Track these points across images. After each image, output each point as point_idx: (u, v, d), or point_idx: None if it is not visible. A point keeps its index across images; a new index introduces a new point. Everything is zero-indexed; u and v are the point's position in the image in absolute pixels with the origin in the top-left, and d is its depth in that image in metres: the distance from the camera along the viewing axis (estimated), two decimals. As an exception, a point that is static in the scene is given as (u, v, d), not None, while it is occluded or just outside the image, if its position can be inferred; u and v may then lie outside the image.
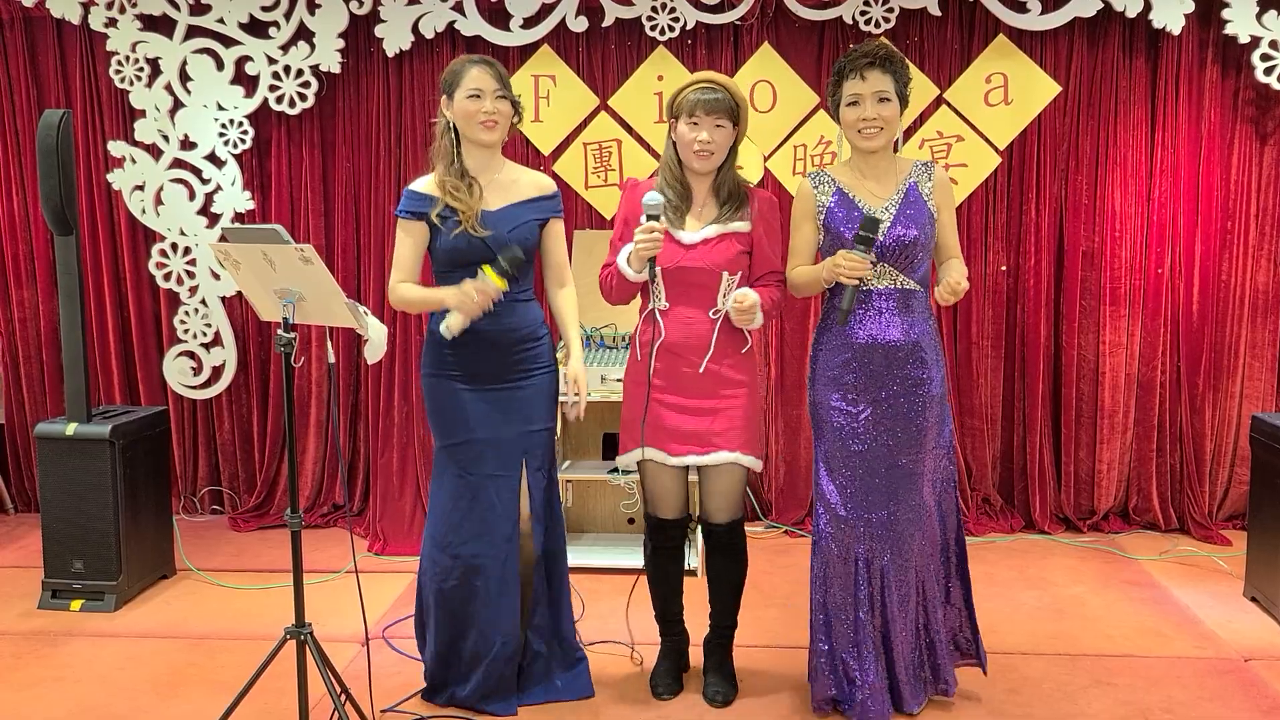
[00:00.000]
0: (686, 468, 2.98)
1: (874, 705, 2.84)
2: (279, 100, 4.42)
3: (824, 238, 2.88)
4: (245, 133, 4.46)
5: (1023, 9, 4.23)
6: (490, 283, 2.71)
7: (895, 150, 2.90)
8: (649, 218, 2.76)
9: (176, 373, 4.64)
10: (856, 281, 2.69)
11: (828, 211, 2.84)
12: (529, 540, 3.00)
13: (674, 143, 2.88)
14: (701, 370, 2.88)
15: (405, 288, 2.84)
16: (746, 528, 4.58)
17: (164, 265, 4.56)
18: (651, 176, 3.03)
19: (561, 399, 3.02)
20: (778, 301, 2.93)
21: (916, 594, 2.87)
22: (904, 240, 2.76)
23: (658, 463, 2.94)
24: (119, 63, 4.43)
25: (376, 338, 2.76)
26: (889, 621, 2.85)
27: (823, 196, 2.86)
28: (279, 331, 2.58)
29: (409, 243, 2.85)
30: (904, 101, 2.79)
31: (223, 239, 2.65)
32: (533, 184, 2.95)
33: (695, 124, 2.80)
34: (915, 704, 2.90)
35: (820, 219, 2.85)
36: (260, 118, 4.48)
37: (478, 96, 2.79)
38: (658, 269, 2.84)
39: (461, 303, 2.71)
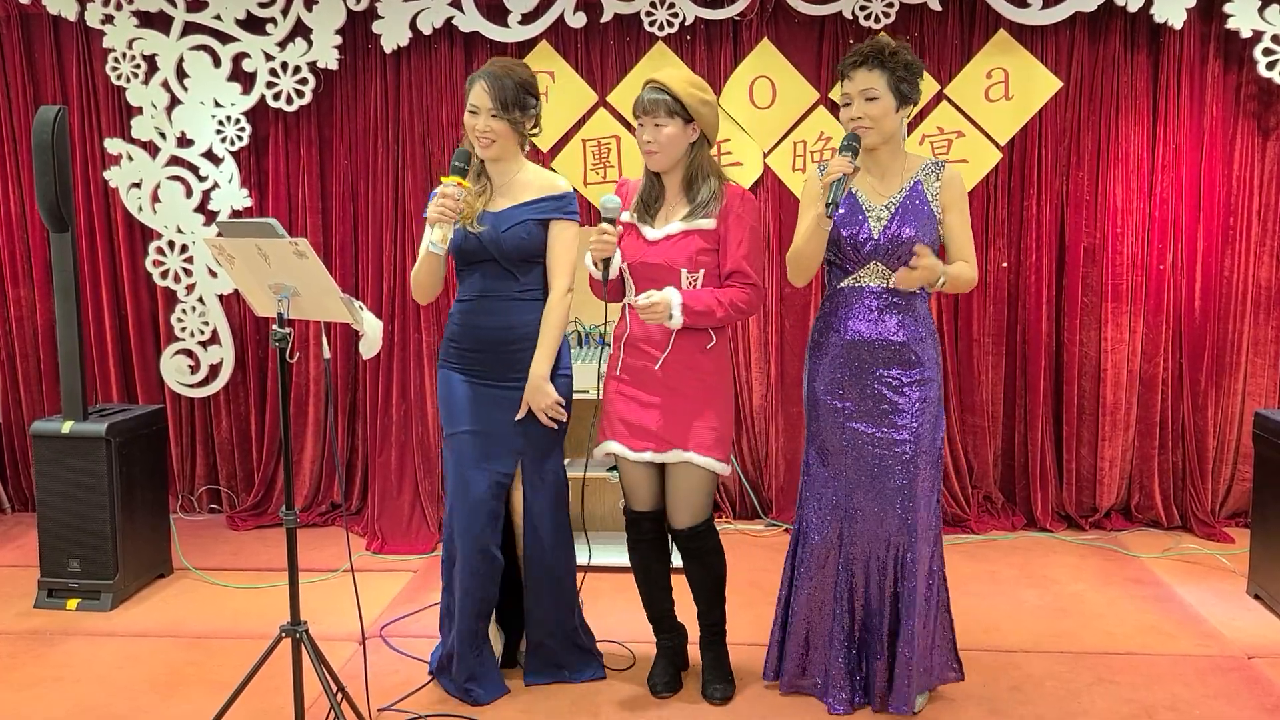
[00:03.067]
0: (657, 464, 2.96)
1: (836, 696, 2.87)
2: (276, 97, 4.40)
3: None
4: (242, 130, 4.44)
5: (1023, 4, 4.21)
6: (445, 184, 2.75)
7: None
8: (605, 220, 2.80)
9: (174, 371, 4.62)
10: (840, 176, 2.63)
11: None
12: (519, 538, 3.02)
13: None
14: (658, 366, 2.88)
15: (414, 269, 2.94)
16: (746, 526, 4.59)
17: (161, 263, 4.55)
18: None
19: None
20: (736, 304, 2.83)
21: (891, 596, 2.84)
22: (899, 238, 2.74)
23: (622, 457, 2.95)
24: (115, 59, 4.41)
25: (372, 333, 2.74)
26: (868, 619, 2.85)
27: None
28: (274, 326, 2.57)
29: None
30: (903, 97, 2.74)
31: (218, 234, 2.63)
32: (541, 185, 2.96)
33: (641, 125, 2.85)
34: (899, 704, 2.86)
35: None
36: (257, 115, 4.46)
37: (475, 113, 2.85)
38: (618, 267, 2.89)
39: (430, 215, 2.77)
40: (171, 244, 4.53)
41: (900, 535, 2.81)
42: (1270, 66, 4.16)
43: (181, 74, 4.41)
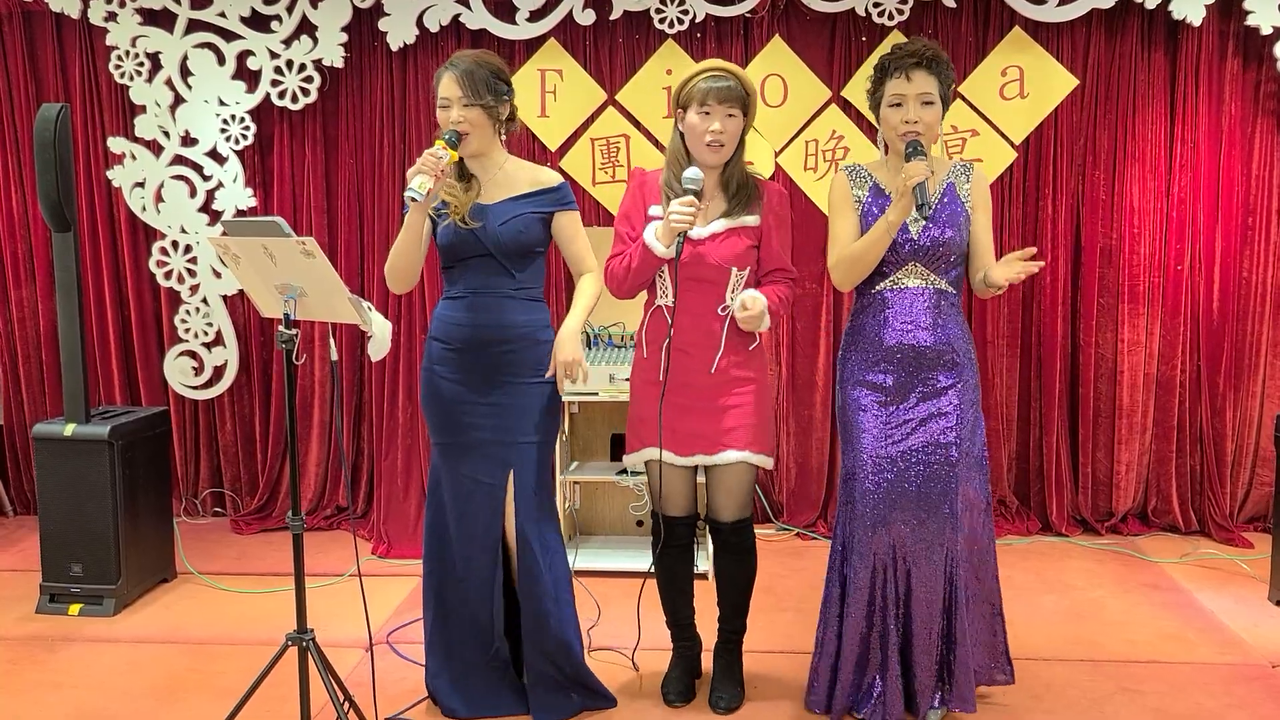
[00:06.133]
0: (695, 468, 2.91)
1: (891, 707, 2.78)
2: (281, 95, 4.35)
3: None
4: (247, 129, 4.39)
5: (1039, 0, 4.15)
6: (436, 148, 2.63)
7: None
8: (687, 191, 2.67)
9: (177, 373, 4.57)
10: (924, 179, 2.55)
11: (864, 207, 2.77)
12: (512, 556, 2.88)
13: (682, 134, 2.80)
14: (713, 369, 2.80)
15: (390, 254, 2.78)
16: (758, 530, 4.54)
17: (165, 263, 4.50)
18: (659, 169, 2.92)
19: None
20: (786, 300, 2.84)
21: (943, 602, 2.77)
22: (940, 240, 2.71)
23: (666, 462, 2.86)
24: (119, 58, 4.36)
25: (380, 334, 2.68)
26: (912, 625, 2.77)
27: (859, 190, 2.79)
28: (280, 328, 2.52)
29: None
30: (946, 104, 2.73)
31: (223, 233, 2.57)
32: (531, 179, 2.86)
33: (707, 114, 2.71)
34: (929, 709, 2.81)
35: (857, 212, 2.78)
36: (262, 113, 4.41)
37: (446, 106, 2.73)
38: (683, 246, 2.72)
39: (411, 170, 2.61)
40: (175, 244, 4.48)
41: (948, 540, 2.74)
42: (1290, 64, 4.11)
43: (185, 72, 4.36)
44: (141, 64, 4.36)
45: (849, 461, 2.81)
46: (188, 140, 4.42)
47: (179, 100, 4.39)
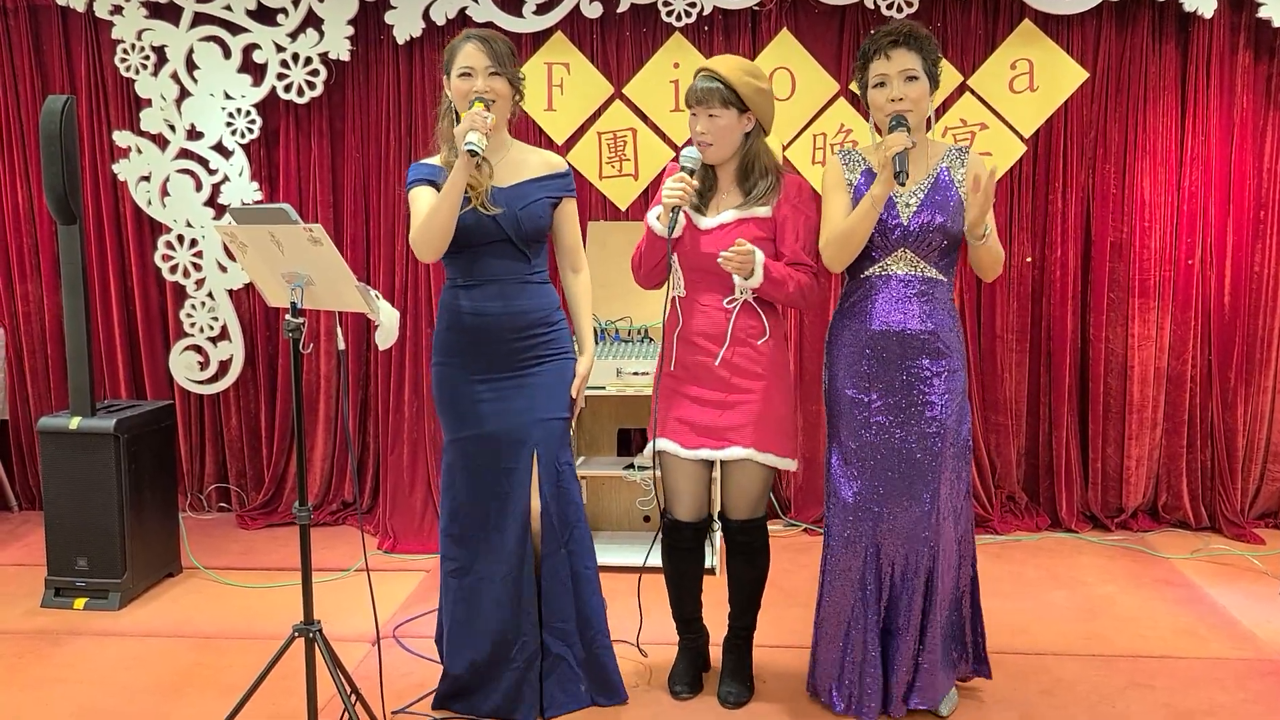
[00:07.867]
0: (708, 465, 2.88)
1: (869, 703, 2.76)
2: (287, 89, 4.33)
3: None
4: (253, 122, 4.37)
5: (1049, -8, 4.13)
6: (478, 109, 2.58)
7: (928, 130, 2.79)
8: (684, 170, 2.70)
9: (183, 367, 4.56)
10: (903, 149, 2.54)
11: (855, 190, 2.75)
12: (538, 538, 2.86)
13: None
14: (717, 362, 2.78)
15: (422, 219, 2.66)
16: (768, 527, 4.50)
17: (170, 258, 4.48)
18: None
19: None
20: (803, 286, 2.75)
21: (922, 594, 2.75)
22: (929, 225, 2.68)
23: (673, 455, 2.84)
24: (124, 51, 4.35)
25: (388, 323, 2.66)
26: (895, 618, 2.75)
27: (851, 174, 2.77)
28: (287, 316, 2.50)
29: (425, 200, 2.70)
30: (934, 81, 2.70)
31: (230, 221, 2.55)
32: (542, 162, 2.85)
33: (694, 115, 2.75)
34: (923, 703, 2.79)
35: (850, 195, 2.76)
36: (268, 107, 4.40)
37: (469, 75, 2.69)
38: (681, 224, 2.72)
39: (461, 127, 2.56)
40: (181, 238, 4.46)
41: (929, 531, 2.72)
42: (1302, 56, 4.08)
43: (191, 65, 4.35)
44: (147, 57, 4.34)
45: (831, 451, 2.80)
46: (193, 134, 4.40)
47: (184, 94, 4.37)
